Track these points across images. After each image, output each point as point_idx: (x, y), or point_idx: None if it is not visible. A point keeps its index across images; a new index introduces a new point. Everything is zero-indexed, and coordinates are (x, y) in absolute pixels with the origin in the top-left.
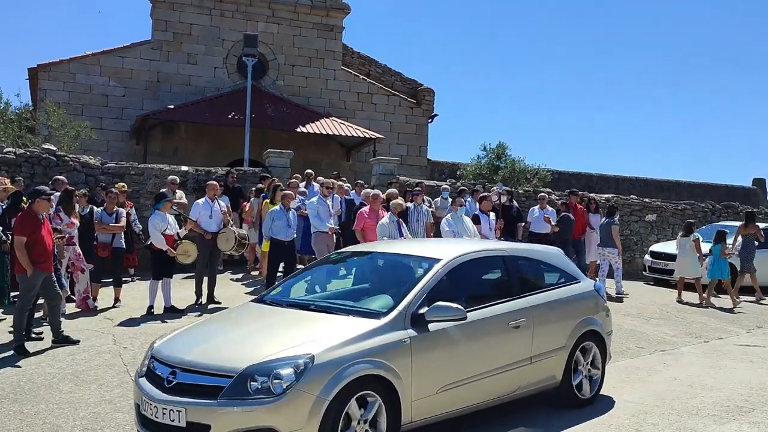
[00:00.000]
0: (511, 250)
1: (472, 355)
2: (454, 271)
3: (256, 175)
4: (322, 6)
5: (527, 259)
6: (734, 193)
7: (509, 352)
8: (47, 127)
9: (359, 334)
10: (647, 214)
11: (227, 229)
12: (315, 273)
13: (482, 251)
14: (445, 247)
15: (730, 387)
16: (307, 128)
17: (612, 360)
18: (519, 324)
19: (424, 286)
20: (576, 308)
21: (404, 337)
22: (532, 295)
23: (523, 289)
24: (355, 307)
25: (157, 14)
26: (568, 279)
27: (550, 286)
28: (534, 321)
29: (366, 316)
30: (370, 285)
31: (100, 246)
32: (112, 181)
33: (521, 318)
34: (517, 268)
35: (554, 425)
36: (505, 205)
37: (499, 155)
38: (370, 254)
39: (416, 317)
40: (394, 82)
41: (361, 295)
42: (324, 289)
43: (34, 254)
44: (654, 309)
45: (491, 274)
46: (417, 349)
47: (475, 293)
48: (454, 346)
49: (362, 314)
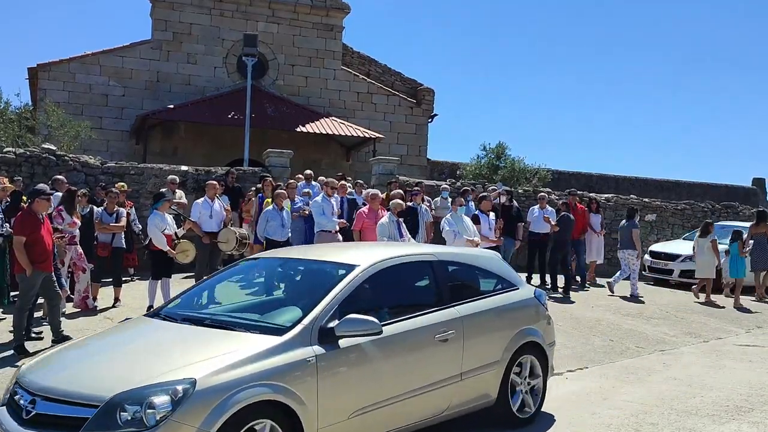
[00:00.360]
0: (440, 254)
1: (391, 373)
2: (372, 279)
3: (255, 175)
4: (322, 6)
5: (459, 264)
6: (734, 193)
7: (436, 369)
8: (47, 127)
9: (256, 353)
10: (647, 214)
11: (227, 229)
12: (223, 282)
13: (406, 256)
14: (364, 253)
15: (729, 387)
16: (306, 128)
17: (611, 360)
18: (447, 337)
19: (336, 296)
20: (514, 318)
21: (309, 356)
22: (464, 304)
23: (453, 297)
24: (256, 322)
25: (157, 14)
26: (506, 285)
27: (485, 294)
28: (465, 333)
29: (267, 332)
30: (280, 295)
31: (100, 246)
32: (111, 181)
33: (450, 330)
34: (446, 274)
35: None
36: (505, 205)
37: (499, 155)
38: (283, 261)
39: (325, 332)
40: (393, 81)
41: (270, 308)
42: (232, 300)
43: (33, 254)
44: (653, 309)
45: (417, 282)
46: (324, 369)
47: (397, 303)
48: (370, 363)
49: (263, 330)
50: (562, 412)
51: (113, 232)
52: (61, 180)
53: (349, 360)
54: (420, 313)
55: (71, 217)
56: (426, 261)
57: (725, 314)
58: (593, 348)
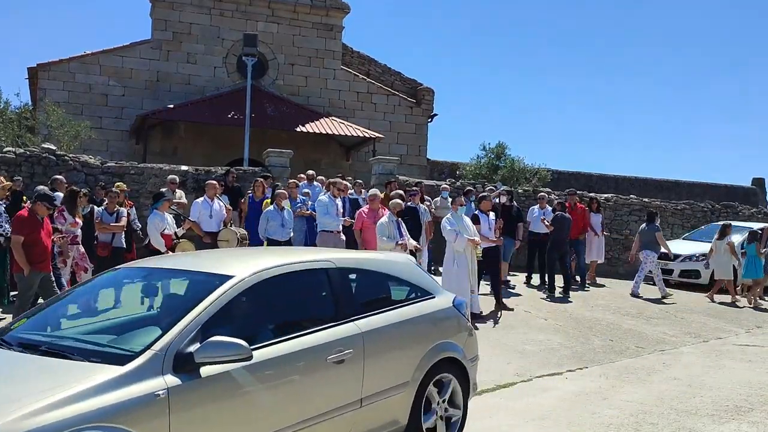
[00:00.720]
0: (340, 260)
1: (269, 405)
2: (252, 291)
3: (256, 175)
4: (321, 6)
5: (363, 271)
6: (734, 193)
7: (328, 396)
8: (47, 127)
9: (89, 387)
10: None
11: (228, 228)
12: (81, 297)
13: (296, 264)
14: (244, 261)
15: (729, 387)
16: (306, 128)
17: (611, 360)
18: (342, 357)
19: (200, 314)
20: (428, 331)
21: (159, 389)
22: (367, 317)
23: (354, 310)
24: (101, 347)
25: (157, 14)
26: (421, 294)
27: (395, 305)
28: (366, 351)
29: (109, 360)
30: (144, 313)
31: (100, 245)
32: (111, 181)
33: (346, 349)
34: (346, 283)
35: None
36: (505, 205)
37: (499, 155)
38: (150, 271)
39: (182, 359)
40: (393, 81)
41: (129, 328)
42: (91, 319)
43: (33, 254)
44: (653, 309)
45: (309, 293)
46: (179, 404)
47: (283, 320)
48: (242, 395)
49: (105, 357)
50: (562, 412)
51: (113, 232)
52: (60, 180)
53: (214, 392)
54: (310, 331)
55: (73, 217)
56: (321, 269)
57: (725, 314)
58: (593, 348)
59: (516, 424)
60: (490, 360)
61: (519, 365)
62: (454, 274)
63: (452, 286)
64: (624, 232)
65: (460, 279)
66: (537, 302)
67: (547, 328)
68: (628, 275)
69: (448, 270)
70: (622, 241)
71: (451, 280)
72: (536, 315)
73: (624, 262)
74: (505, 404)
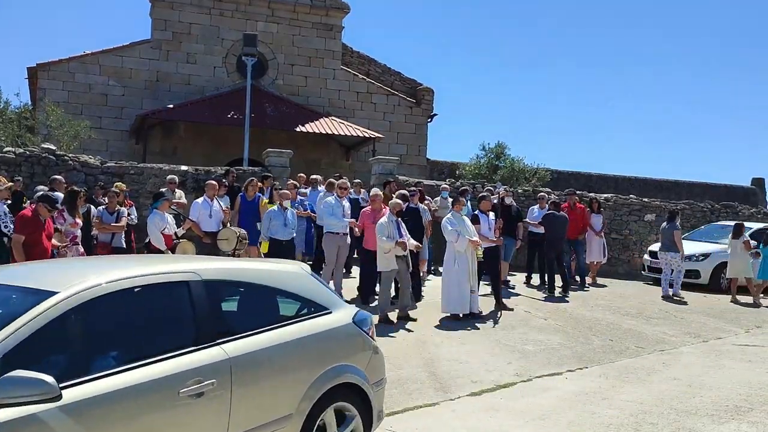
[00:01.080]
0: (206, 271)
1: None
2: (80, 311)
3: (256, 175)
4: (321, 5)
5: (239, 284)
6: (733, 193)
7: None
8: (46, 127)
9: None
10: (646, 213)
11: (227, 229)
12: None
13: (146, 276)
14: (81, 273)
15: (728, 387)
16: (306, 128)
17: (611, 360)
18: (202, 389)
19: (1, 342)
20: (319, 352)
21: None
22: (238, 339)
23: (221, 331)
24: None
25: (157, 13)
26: (315, 310)
27: (280, 323)
28: (235, 381)
29: None
30: None
31: (100, 245)
32: (111, 181)
33: (208, 379)
34: (213, 299)
35: None
36: (505, 205)
37: (499, 155)
38: None
39: None
40: (393, 81)
41: None
42: None
43: (32, 255)
44: (653, 309)
45: (161, 312)
46: None
47: (122, 346)
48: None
49: None
50: (562, 412)
51: (113, 232)
52: (60, 180)
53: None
54: (160, 359)
55: (73, 217)
56: (181, 282)
57: (725, 314)
58: (593, 348)
59: (516, 424)
60: (490, 360)
61: (519, 365)
62: (454, 274)
63: (452, 286)
64: (624, 232)
65: (460, 279)
66: (537, 302)
67: (547, 328)
68: (628, 275)
69: (449, 270)
70: (621, 241)
71: (451, 280)
72: (536, 315)
73: (624, 262)
74: (505, 404)
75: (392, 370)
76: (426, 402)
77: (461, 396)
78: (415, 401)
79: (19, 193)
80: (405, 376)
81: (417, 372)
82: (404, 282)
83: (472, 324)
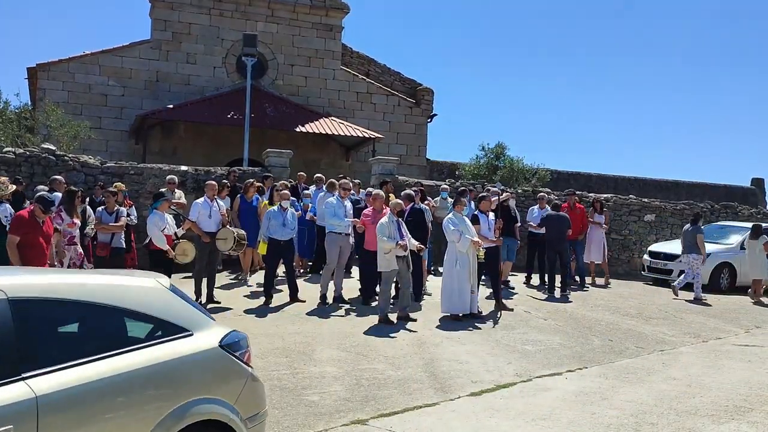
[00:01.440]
0: (17, 288)
1: None
2: None
3: (256, 175)
4: (321, 6)
5: (65, 303)
6: (733, 193)
7: None
8: (46, 127)
9: None
10: (646, 214)
11: (226, 229)
12: None
13: None
14: None
15: (728, 387)
16: (306, 128)
17: (611, 360)
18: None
19: None
20: (171, 384)
21: None
22: (53, 372)
23: (28, 364)
24: None
25: (157, 14)
26: (172, 332)
27: (118, 350)
28: (43, 426)
29: None
30: None
31: (100, 245)
32: (111, 181)
33: (5, 425)
34: (20, 324)
35: None
36: (504, 205)
37: (498, 155)
38: None
39: None
40: (393, 81)
41: None
42: None
43: (28, 256)
44: (653, 309)
45: None
46: None
47: None
48: None
49: None
50: (562, 412)
51: (113, 232)
52: (59, 180)
53: None
54: None
55: (71, 217)
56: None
57: (724, 314)
58: (592, 348)
59: (516, 424)
60: (490, 360)
61: (519, 365)
62: (455, 274)
63: (453, 286)
64: (623, 232)
65: (461, 279)
66: (537, 302)
67: (547, 328)
68: (628, 275)
69: (450, 270)
70: (621, 241)
71: (452, 280)
72: (536, 315)
73: (623, 262)
74: (505, 404)
75: (392, 370)
76: (426, 402)
77: (461, 396)
78: (415, 401)
79: (20, 193)
80: (405, 377)
81: (417, 372)
82: (404, 282)
83: (472, 324)
